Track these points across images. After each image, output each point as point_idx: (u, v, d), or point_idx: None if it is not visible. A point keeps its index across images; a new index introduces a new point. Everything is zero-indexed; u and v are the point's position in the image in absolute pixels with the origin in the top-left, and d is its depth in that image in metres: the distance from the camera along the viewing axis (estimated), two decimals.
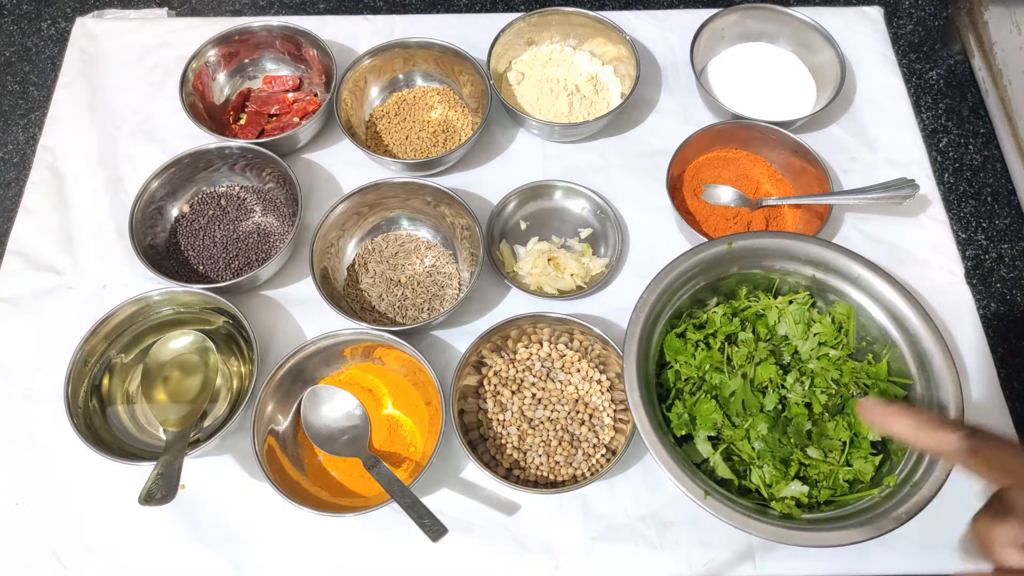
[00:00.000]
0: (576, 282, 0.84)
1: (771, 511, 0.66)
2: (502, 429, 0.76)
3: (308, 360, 0.77)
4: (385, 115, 0.96)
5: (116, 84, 0.99)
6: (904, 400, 0.71)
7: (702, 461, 0.69)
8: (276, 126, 0.96)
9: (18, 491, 0.75)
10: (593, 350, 0.78)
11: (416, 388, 0.79)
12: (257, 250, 0.87)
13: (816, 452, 0.68)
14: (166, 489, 0.65)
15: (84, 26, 1.04)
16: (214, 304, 0.78)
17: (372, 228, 0.88)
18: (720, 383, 0.71)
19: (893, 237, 0.87)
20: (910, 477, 0.65)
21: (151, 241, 0.85)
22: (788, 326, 0.74)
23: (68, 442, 0.71)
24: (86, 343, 0.75)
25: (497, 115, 0.96)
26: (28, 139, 1.00)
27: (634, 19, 1.04)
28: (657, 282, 0.72)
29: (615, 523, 0.74)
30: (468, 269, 0.85)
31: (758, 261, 0.75)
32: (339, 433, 0.75)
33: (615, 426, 0.76)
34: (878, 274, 0.73)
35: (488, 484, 0.76)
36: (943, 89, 1.03)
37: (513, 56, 0.99)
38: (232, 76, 0.98)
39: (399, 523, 0.70)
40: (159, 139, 0.95)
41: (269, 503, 0.71)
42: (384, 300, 0.84)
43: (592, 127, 0.91)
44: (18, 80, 1.07)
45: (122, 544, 0.73)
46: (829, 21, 0.96)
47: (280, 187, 0.89)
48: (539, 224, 0.90)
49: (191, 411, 0.75)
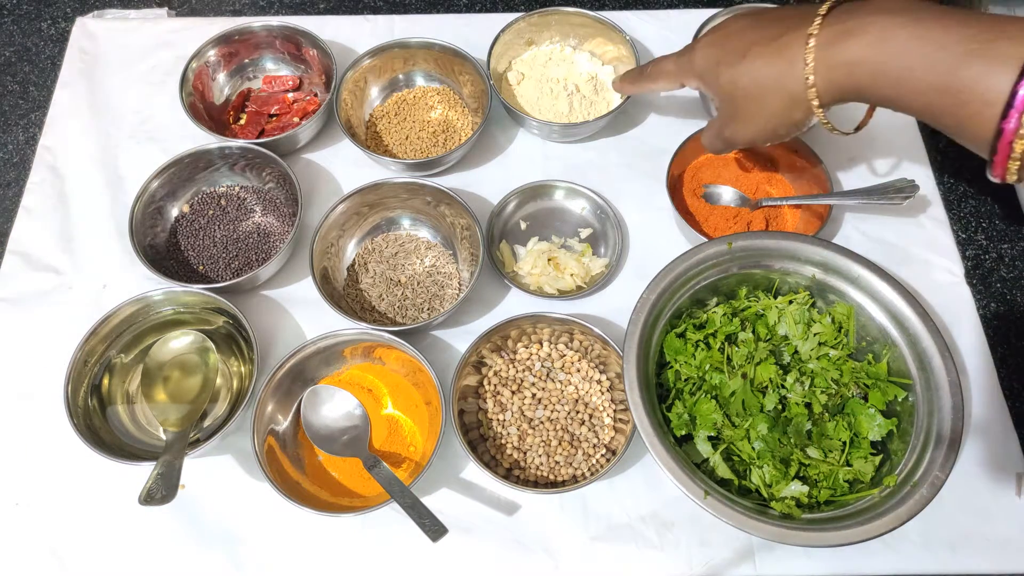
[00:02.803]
0: (576, 282, 0.84)
1: (771, 511, 0.66)
2: (502, 429, 0.76)
3: (308, 360, 0.77)
4: (385, 115, 0.96)
5: (116, 84, 0.99)
6: (903, 400, 0.71)
7: (702, 461, 0.69)
8: (276, 126, 0.96)
9: (18, 491, 0.76)
10: (593, 350, 0.78)
11: (416, 388, 0.79)
12: (257, 250, 0.87)
13: (816, 452, 0.68)
14: (166, 489, 0.65)
15: (84, 26, 1.04)
16: (214, 304, 0.78)
17: (372, 228, 0.88)
18: (720, 383, 0.71)
19: (893, 237, 0.87)
20: (910, 477, 0.65)
21: (151, 241, 0.85)
22: (788, 326, 0.74)
23: (68, 442, 0.71)
24: (86, 343, 0.75)
25: (497, 115, 0.96)
26: (28, 139, 1.00)
27: (634, 19, 1.04)
28: (657, 282, 0.72)
29: (615, 523, 0.74)
30: (468, 269, 0.85)
31: (758, 261, 0.75)
32: (339, 433, 0.75)
33: (615, 426, 0.76)
34: (878, 274, 0.73)
35: (488, 484, 0.76)
36: None
37: (513, 56, 0.99)
38: (232, 76, 0.98)
39: (399, 523, 0.70)
40: (159, 139, 0.95)
41: (269, 503, 0.71)
42: (384, 300, 0.84)
43: (592, 127, 0.91)
44: (18, 80, 1.07)
45: (122, 544, 0.73)
46: None
47: (280, 187, 0.89)
48: (539, 224, 0.90)
49: (191, 411, 0.75)
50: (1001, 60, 0.51)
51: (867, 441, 0.69)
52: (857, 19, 0.58)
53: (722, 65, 0.66)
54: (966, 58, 0.52)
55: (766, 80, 0.63)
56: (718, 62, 0.67)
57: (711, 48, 0.68)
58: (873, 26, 0.57)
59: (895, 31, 0.56)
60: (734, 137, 0.71)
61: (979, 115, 0.52)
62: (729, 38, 0.67)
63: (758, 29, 0.65)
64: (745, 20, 0.67)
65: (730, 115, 0.69)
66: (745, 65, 0.64)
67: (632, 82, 0.81)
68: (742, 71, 0.65)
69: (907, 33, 0.55)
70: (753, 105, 0.66)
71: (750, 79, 0.64)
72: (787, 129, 0.67)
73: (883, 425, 0.69)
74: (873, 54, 0.57)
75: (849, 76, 0.59)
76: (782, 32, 0.63)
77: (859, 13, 0.59)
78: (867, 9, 0.59)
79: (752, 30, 0.66)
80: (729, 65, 0.66)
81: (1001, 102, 0.50)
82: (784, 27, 0.63)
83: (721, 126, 0.71)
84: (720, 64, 0.66)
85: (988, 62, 0.51)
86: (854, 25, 0.58)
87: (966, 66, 0.52)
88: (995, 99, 0.51)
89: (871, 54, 0.57)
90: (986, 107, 0.52)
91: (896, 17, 0.56)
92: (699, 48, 0.70)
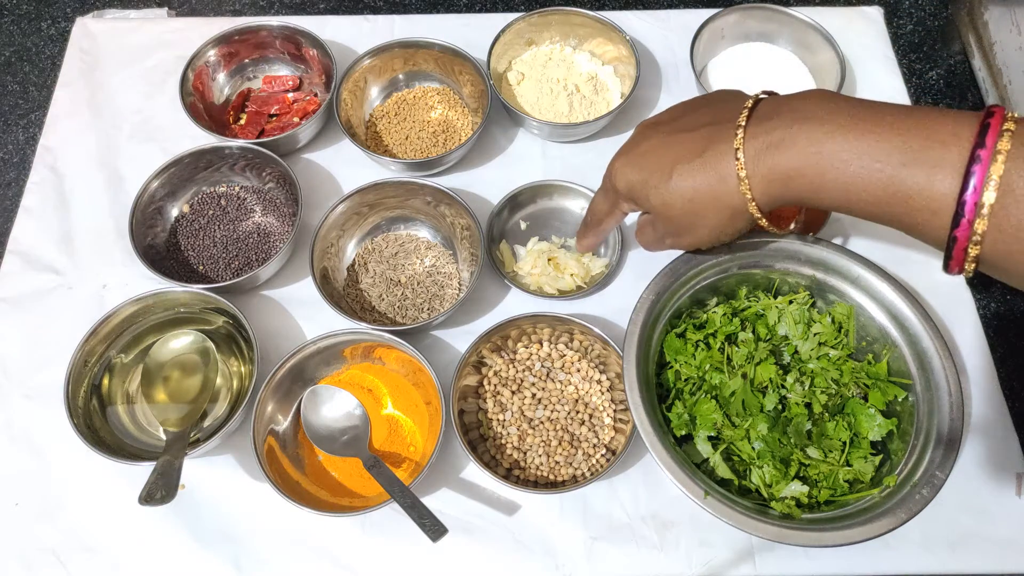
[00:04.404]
0: (576, 282, 0.84)
1: (771, 511, 0.66)
2: (502, 429, 0.76)
3: (308, 360, 0.77)
4: (385, 115, 0.96)
5: (116, 84, 0.99)
6: (903, 400, 0.71)
7: (702, 461, 0.69)
8: (276, 126, 0.96)
9: (18, 491, 0.76)
10: (593, 350, 0.78)
11: (416, 388, 0.79)
12: (257, 250, 0.87)
13: (816, 452, 0.68)
14: (166, 489, 0.65)
15: (84, 26, 1.04)
16: (214, 304, 0.78)
17: (372, 228, 0.88)
18: (720, 383, 0.71)
19: (893, 237, 0.87)
20: (910, 477, 0.65)
21: (151, 241, 0.85)
22: (788, 326, 0.74)
23: (68, 442, 0.71)
24: (86, 343, 0.75)
25: (497, 115, 0.96)
26: (28, 139, 1.00)
27: (634, 19, 1.04)
28: (657, 282, 0.72)
29: (615, 523, 0.74)
30: (468, 269, 0.85)
31: (758, 261, 0.75)
32: (339, 433, 0.75)
33: (615, 426, 0.76)
34: (878, 274, 0.73)
35: (488, 484, 0.76)
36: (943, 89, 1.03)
37: (513, 56, 0.99)
38: (232, 76, 0.98)
39: (399, 523, 0.70)
40: (159, 139, 0.95)
41: (269, 503, 0.71)
42: (384, 300, 0.84)
43: (592, 127, 0.91)
44: (18, 80, 1.07)
45: (122, 544, 0.73)
46: (829, 21, 0.96)
47: (280, 187, 0.89)
48: (539, 224, 0.90)
49: (191, 411, 0.75)
50: (938, 167, 0.49)
51: (867, 441, 0.69)
52: (782, 130, 0.55)
53: (648, 187, 0.62)
54: (903, 168, 0.50)
55: (701, 197, 0.60)
56: (644, 183, 0.63)
57: (628, 169, 0.64)
58: (800, 136, 0.54)
59: (824, 143, 0.53)
60: (677, 246, 0.69)
61: (928, 223, 0.51)
62: (646, 156, 0.63)
63: (675, 144, 0.61)
64: (655, 135, 0.63)
65: (670, 231, 0.66)
66: (673, 184, 0.60)
67: (584, 236, 0.78)
68: (672, 191, 0.61)
69: (837, 145, 0.53)
70: (692, 219, 0.62)
71: (682, 199, 0.61)
72: (731, 235, 0.64)
73: (883, 425, 0.69)
74: (807, 166, 0.54)
75: (787, 187, 0.56)
76: (704, 146, 0.59)
77: (782, 121, 0.56)
78: (789, 116, 0.56)
79: (669, 147, 0.61)
80: (655, 187, 0.62)
81: (948, 210, 0.49)
82: (705, 140, 0.59)
83: (662, 236, 0.68)
84: (646, 185, 0.62)
85: (927, 170, 0.49)
86: (780, 137, 0.55)
87: (905, 176, 0.50)
88: (940, 207, 0.49)
89: (805, 166, 0.54)
90: (934, 216, 0.50)
91: (822, 125, 0.54)
92: (616, 172, 0.65)
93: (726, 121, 0.59)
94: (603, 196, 0.71)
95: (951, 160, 0.49)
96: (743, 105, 0.59)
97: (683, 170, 0.60)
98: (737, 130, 0.57)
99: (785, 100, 0.59)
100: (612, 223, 0.73)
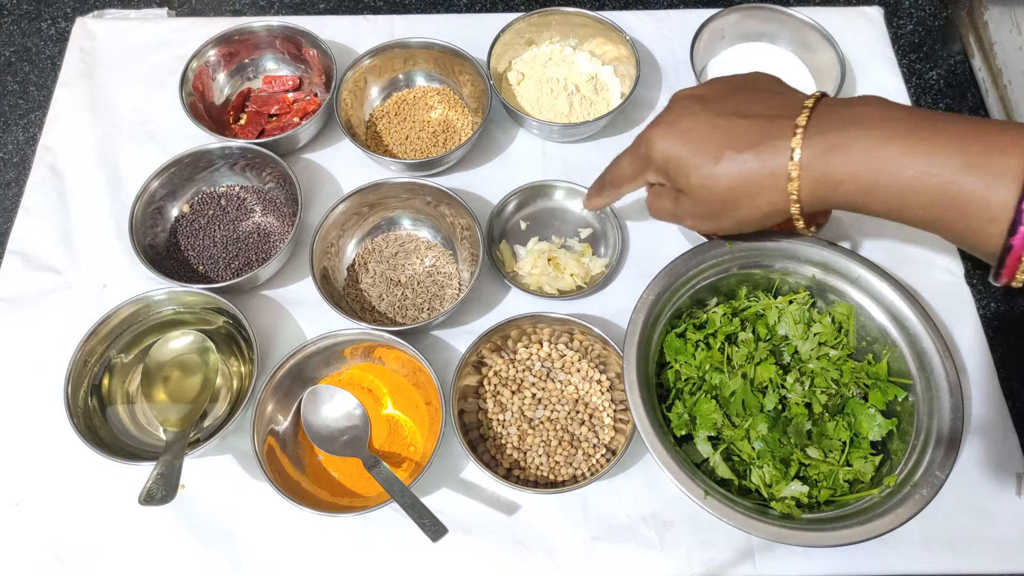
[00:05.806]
0: (576, 282, 0.84)
1: (771, 511, 0.66)
2: (502, 429, 0.76)
3: (308, 360, 0.77)
4: (385, 115, 0.96)
5: (116, 84, 0.99)
6: (903, 400, 0.71)
7: (702, 461, 0.69)
8: (276, 126, 0.96)
9: (18, 491, 0.76)
10: (593, 350, 0.78)
11: (416, 388, 0.79)
12: (257, 250, 0.87)
13: (816, 452, 0.68)
14: (166, 489, 0.65)
15: (84, 26, 1.03)
16: (214, 304, 0.78)
17: (372, 228, 0.88)
18: (720, 383, 0.71)
19: (893, 237, 0.87)
20: (910, 477, 0.65)
21: (151, 241, 0.85)
22: (788, 326, 0.74)
23: (68, 442, 0.71)
24: (86, 343, 0.75)
25: (497, 115, 0.96)
26: (28, 139, 1.00)
27: (634, 19, 1.04)
28: (657, 282, 0.72)
29: (615, 523, 0.74)
30: (468, 269, 0.85)
31: (758, 261, 0.75)
32: (339, 433, 0.75)
33: (615, 426, 0.76)
34: (878, 274, 0.73)
35: (488, 484, 0.76)
36: (943, 89, 1.03)
37: (513, 56, 0.99)
38: (232, 76, 0.98)
39: (399, 523, 0.70)
40: (159, 139, 0.95)
41: (269, 503, 0.71)
42: (384, 300, 0.84)
43: (592, 127, 0.91)
44: (18, 80, 1.07)
45: (122, 544, 0.73)
46: (829, 21, 0.96)
47: (280, 187, 0.89)
48: (539, 224, 0.90)
49: (191, 411, 0.75)
50: (998, 175, 0.49)
51: (867, 441, 0.69)
52: (840, 131, 0.55)
53: (690, 166, 0.61)
54: (962, 174, 0.50)
55: (744, 188, 0.59)
56: (686, 161, 0.61)
57: (669, 142, 0.62)
58: (857, 142, 0.54)
59: (881, 148, 0.53)
60: (695, 228, 0.69)
61: (983, 231, 0.51)
62: (692, 133, 0.61)
63: (728, 128, 0.60)
64: (703, 112, 0.62)
65: (695, 212, 0.65)
66: (720, 169, 0.59)
67: (598, 195, 0.75)
68: (716, 176, 0.60)
69: (895, 151, 0.53)
70: (725, 208, 0.62)
71: (724, 185, 0.60)
72: (755, 229, 0.65)
73: (883, 425, 0.69)
74: (862, 172, 0.54)
75: (835, 191, 0.56)
76: (760, 138, 0.58)
77: (840, 123, 0.56)
78: (848, 118, 0.56)
79: (721, 130, 0.60)
80: (697, 167, 0.61)
81: (1006, 218, 0.49)
82: (761, 132, 0.58)
83: (682, 214, 0.66)
84: (688, 164, 0.61)
85: (986, 178, 0.49)
86: (836, 140, 0.55)
87: (963, 183, 0.50)
88: (998, 215, 0.49)
89: (860, 171, 0.54)
90: (990, 223, 0.50)
91: (879, 131, 0.54)
92: (654, 140, 0.63)
93: (783, 117, 0.58)
94: (630, 161, 0.68)
95: (1012, 167, 0.48)
96: (802, 104, 0.59)
97: (733, 157, 0.59)
98: (796, 129, 0.57)
99: (841, 104, 0.58)
100: (630, 189, 0.71)
